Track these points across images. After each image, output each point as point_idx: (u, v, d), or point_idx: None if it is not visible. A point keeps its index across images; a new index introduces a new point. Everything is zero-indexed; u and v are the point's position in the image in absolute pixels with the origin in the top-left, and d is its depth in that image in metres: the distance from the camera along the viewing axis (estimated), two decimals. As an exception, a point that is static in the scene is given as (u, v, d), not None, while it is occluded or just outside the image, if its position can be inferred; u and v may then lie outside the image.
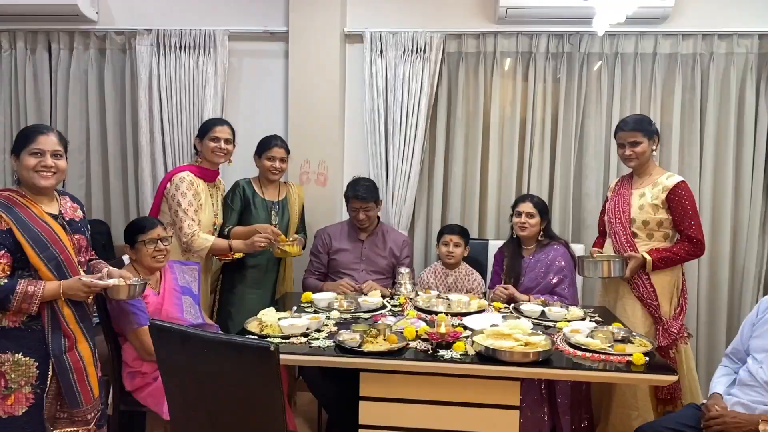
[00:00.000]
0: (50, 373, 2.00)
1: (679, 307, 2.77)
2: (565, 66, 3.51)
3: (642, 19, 3.38)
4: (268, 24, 3.65)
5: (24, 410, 1.97)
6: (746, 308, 3.44)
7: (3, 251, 1.93)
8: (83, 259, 2.15)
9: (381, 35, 3.54)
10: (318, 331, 2.36)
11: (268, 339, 2.19)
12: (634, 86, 3.50)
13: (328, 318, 2.54)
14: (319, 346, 2.20)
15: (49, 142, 2.04)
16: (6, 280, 1.92)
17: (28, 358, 1.97)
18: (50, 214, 2.05)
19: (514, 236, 3.13)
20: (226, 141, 2.96)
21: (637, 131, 2.76)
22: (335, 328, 2.40)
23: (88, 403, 2.05)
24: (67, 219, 2.10)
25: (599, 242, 3.08)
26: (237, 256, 3.01)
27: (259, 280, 3.14)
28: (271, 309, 2.49)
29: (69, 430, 2.03)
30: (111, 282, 2.12)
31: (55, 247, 2.00)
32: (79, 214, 2.19)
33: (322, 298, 2.77)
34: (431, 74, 3.52)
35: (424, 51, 3.51)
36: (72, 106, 3.73)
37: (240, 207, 3.11)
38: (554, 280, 2.99)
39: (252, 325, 2.37)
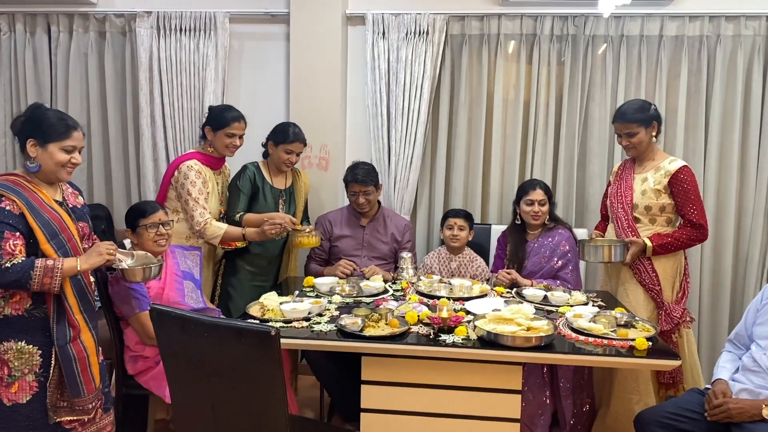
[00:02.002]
0: (53, 361, 1.99)
1: (681, 291, 2.76)
2: (569, 48, 3.47)
3: (648, 1, 3.33)
4: (269, 6, 3.60)
5: (28, 398, 1.97)
6: (749, 294, 3.43)
7: (18, 233, 1.90)
8: (86, 246, 2.14)
9: (383, 17, 3.50)
10: (320, 315, 2.36)
11: (270, 323, 2.19)
12: (640, 69, 3.45)
13: (330, 302, 2.54)
14: (320, 331, 2.20)
15: (80, 138, 2.04)
16: (23, 258, 1.90)
17: (31, 346, 1.96)
18: (56, 201, 2.04)
19: (518, 222, 3.11)
20: (240, 137, 2.93)
21: (631, 123, 2.72)
22: (337, 313, 2.40)
23: (89, 393, 2.04)
24: (70, 206, 2.09)
25: (601, 226, 3.07)
26: (240, 244, 2.99)
27: (263, 267, 3.13)
28: (273, 293, 2.50)
29: (69, 418, 2.02)
30: (124, 264, 2.13)
31: (63, 234, 1.99)
32: (80, 200, 2.18)
33: (324, 282, 2.77)
34: (434, 57, 3.48)
35: (427, 33, 3.46)
36: (72, 89, 3.71)
37: (250, 192, 3.05)
38: (558, 265, 2.99)
39: (254, 310, 2.37)
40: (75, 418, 2.03)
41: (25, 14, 3.68)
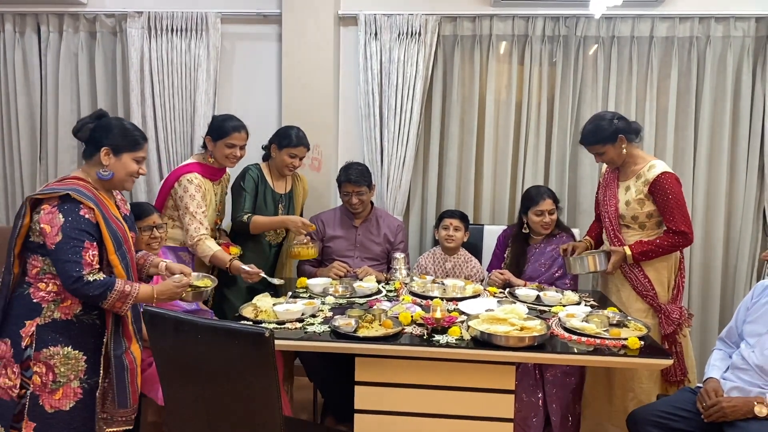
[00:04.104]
0: (102, 371, 1.96)
1: (676, 288, 2.75)
2: (561, 49, 3.48)
3: (639, 2, 3.35)
4: (261, 6, 3.60)
5: (71, 405, 1.92)
6: (740, 292, 3.46)
7: (95, 243, 1.88)
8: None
9: (375, 18, 3.50)
10: (313, 316, 2.36)
11: (263, 325, 2.19)
12: (630, 70, 3.47)
13: (323, 303, 2.54)
14: (314, 332, 2.20)
15: (146, 149, 2.07)
16: (104, 275, 1.88)
17: (77, 351, 1.92)
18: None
19: (525, 230, 3.07)
20: (241, 147, 2.88)
21: (594, 144, 2.72)
22: (330, 314, 2.40)
23: (134, 404, 2.03)
24: (123, 215, 2.08)
25: (595, 227, 3.06)
26: (235, 252, 2.95)
27: (257, 267, 3.10)
28: (266, 294, 2.49)
29: (112, 430, 2.00)
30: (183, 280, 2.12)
31: (125, 245, 1.98)
32: (128, 208, 2.16)
33: (317, 283, 2.76)
34: (426, 57, 3.49)
35: (419, 34, 3.47)
36: (62, 90, 3.68)
37: (254, 192, 3.01)
38: (557, 273, 2.99)
39: (247, 311, 2.37)
40: (116, 429, 2.00)
41: (14, 14, 3.65)
